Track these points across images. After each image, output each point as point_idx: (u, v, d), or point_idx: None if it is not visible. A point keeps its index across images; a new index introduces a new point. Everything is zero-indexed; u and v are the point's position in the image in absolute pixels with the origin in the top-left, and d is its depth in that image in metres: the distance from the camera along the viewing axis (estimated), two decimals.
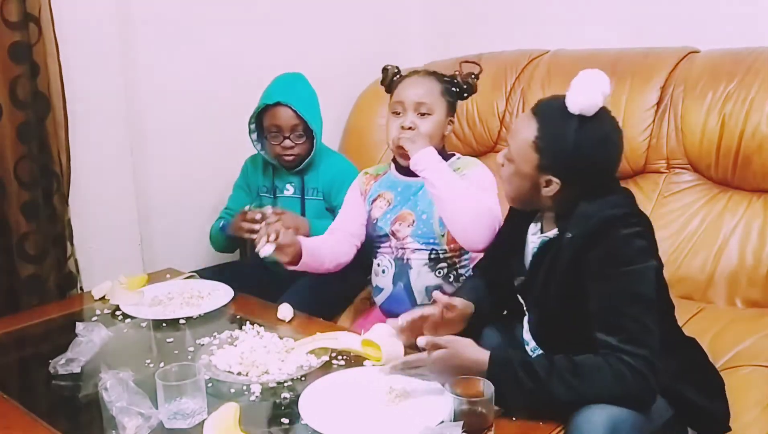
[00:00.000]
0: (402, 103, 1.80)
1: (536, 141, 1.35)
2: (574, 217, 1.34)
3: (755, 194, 2.01)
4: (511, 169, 1.41)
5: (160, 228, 2.45)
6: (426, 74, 1.85)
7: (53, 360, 1.51)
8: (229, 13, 2.53)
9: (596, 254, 1.30)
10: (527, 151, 1.36)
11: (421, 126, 1.78)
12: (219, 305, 1.85)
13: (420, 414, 1.26)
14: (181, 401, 1.30)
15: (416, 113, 1.79)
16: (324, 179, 2.24)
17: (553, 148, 1.34)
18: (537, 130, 1.35)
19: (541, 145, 1.35)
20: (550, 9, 2.67)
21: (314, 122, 2.17)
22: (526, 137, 1.36)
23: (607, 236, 1.30)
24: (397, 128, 1.80)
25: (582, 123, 1.32)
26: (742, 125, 1.98)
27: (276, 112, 2.15)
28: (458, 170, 1.81)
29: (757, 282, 1.91)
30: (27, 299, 2.01)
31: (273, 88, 2.20)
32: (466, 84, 1.84)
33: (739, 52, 2.09)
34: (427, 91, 1.80)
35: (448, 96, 1.82)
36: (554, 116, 1.35)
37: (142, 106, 2.35)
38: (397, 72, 1.90)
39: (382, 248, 1.89)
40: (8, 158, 1.94)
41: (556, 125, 1.34)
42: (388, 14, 3.04)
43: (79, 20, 2.10)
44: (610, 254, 1.30)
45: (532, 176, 1.38)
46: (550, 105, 1.38)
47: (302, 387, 1.40)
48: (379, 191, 1.91)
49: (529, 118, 1.38)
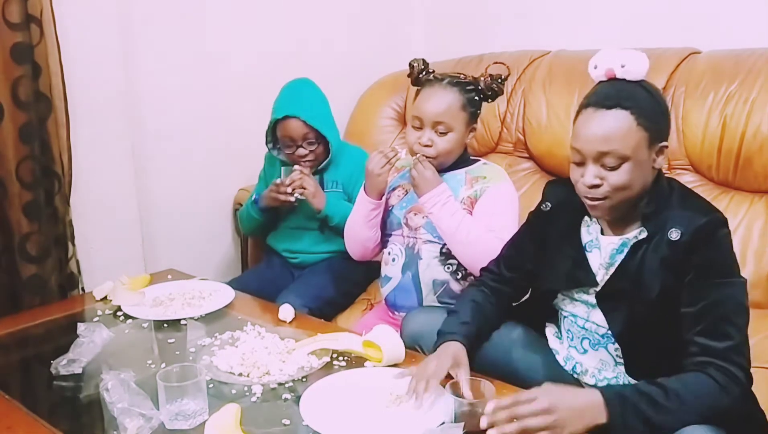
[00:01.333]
0: (421, 119, 1.80)
1: (638, 121, 1.28)
2: (674, 216, 1.31)
3: (756, 195, 2.00)
4: (627, 169, 1.29)
5: (161, 229, 2.46)
6: (448, 86, 1.79)
7: (55, 360, 1.52)
8: (230, 14, 2.53)
9: (704, 257, 1.27)
10: (635, 137, 1.28)
11: (439, 144, 1.79)
12: (220, 306, 1.85)
13: (421, 416, 1.26)
14: (183, 402, 1.30)
15: (434, 130, 1.79)
16: (344, 172, 2.28)
17: (651, 115, 1.31)
18: (630, 112, 1.28)
19: (644, 120, 1.29)
20: (551, 9, 2.66)
21: (325, 128, 2.20)
22: (626, 126, 1.28)
23: (716, 239, 1.28)
24: (416, 140, 1.81)
25: (645, 84, 1.33)
26: (744, 126, 1.97)
27: (286, 124, 2.18)
28: (483, 179, 1.82)
29: (759, 283, 1.91)
30: (28, 300, 2.01)
31: (281, 100, 2.23)
32: (490, 90, 1.82)
33: (740, 53, 2.09)
34: (446, 108, 1.77)
35: (470, 107, 1.81)
36: (631, 92, 1.30)
37: (144, 107, 2.35)
38: (423, 68, 1.86)
39: (393, 236, 1.91)
40: (10, 158, 1.94)
41: (640, 97, 1.30)
42: (390, 15, 3.04)
43: (81, 21, 2.11)
44: (718, 258, 1.28)
45: (647, 158, 1.31)
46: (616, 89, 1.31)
47: (303, 388, 1.40)
48: (400, 182, 1.94)
49: (612, 113, 1.29)
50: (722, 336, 1.25)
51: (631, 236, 1.37)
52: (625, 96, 1.29)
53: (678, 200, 1.34)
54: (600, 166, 1.31)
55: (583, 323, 1.46)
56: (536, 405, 1.16)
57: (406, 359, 1.49)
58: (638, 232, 1.36)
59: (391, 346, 1.49)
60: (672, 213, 1.32)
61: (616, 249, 1.39)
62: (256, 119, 2.39)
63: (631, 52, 1.32)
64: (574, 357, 1.50)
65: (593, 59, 1.35)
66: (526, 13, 2.74)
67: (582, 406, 1.18)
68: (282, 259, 2.35)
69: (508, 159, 2.51)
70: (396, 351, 1.49)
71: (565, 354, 1.51)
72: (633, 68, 1.31)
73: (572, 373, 1.50)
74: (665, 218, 1.32)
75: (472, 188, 1.82)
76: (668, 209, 1.33)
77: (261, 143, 2.33)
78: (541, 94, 2.39)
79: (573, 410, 1.17)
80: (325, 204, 2.17)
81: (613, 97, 1.30)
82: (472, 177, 1.83)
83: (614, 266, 1.39)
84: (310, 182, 2.16)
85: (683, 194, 1.37)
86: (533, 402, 1.16)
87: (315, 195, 2.15)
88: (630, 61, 1.31)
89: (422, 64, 1.87)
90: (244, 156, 2.55)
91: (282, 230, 2.35)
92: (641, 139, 1.29)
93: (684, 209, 1.32)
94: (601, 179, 1.31)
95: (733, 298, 1.28)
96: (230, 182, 2.62)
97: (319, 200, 2.16)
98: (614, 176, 1.30)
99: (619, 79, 1.32)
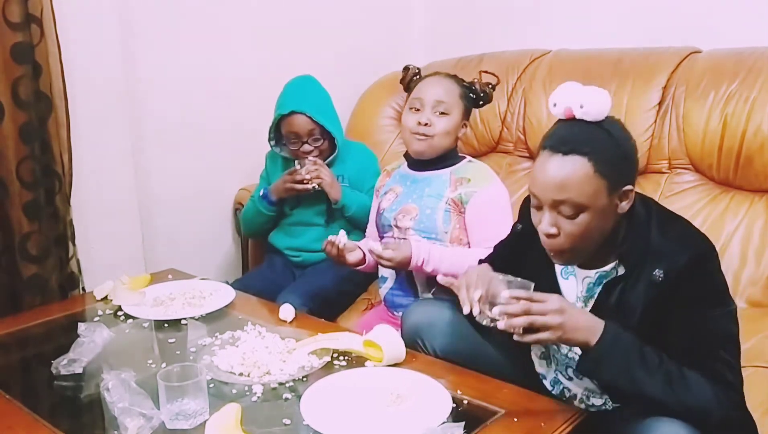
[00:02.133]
0: (421, 100, 1.85)
1: (596, 168, 1.21)
2: (653, 251, 1.25)
3: (757, 194, 2.01)
4: (585, 219, 1.23)
5: (162, 228, 2.46)
6: (447, 76, 1.90)
7: (55, 360, 1.51)
8: (230, 14, 2.53)
9: (689, 292, 1.23)
10: (593, 184, 1.21)
11: (438, 124, 1.83)
12: (221, 306, 1.84)
13: (421, 415, 1.26)
14: (183, 401, 1.30)
15: (434, 111, 1.84)
16: (351, 167, 2.31)
17: (611, 160, 1.22)
18: (588, 159, 1.21)
19: (602, 167, 1.21)
20: (551, 9, 2.67)
21: (330, 124, 2.22)
22: (582, 174, 1.21)
23: (701, 273, 1.23)
24: (414, 122, 1.84)
25: (606, 125, 1.25)
26: (744, 125, 1.97)
27: (291, 120, 2.19)
28: (467, 181, 1.84)
29: (759, 282, 1.91)
30: (29, 300, 2.01)
31: (285, 96, 2.24)
32: (483, 93, 1.90)
33: (740, 52, 2.09)
34: (447, 91, 1.85)
35: (466, 101, 1.88)
36: (590, 136, 1.23)
37: (144, 107, 2.35)
38: (417, 72, 1.96)
39: (386, 237, 1.94)
40: (10, 158, 1.94)
41: (599, 141, 1.23)
42: (390, 14, 3.04)
43: (81, 21, 2.11)
44: (705, 292, 1.24)
45: (609, 205, 1.24)
46: (574, 132, 1.24)
47: (304, 387, 1.40)
48: (391, 185, 1.98)
49: (568, 159, 1.22)
50: (708, 372, 1.23)
51: (609, 269, 1.32)
52: (583, 140, 1.22)
53: (657, 232, 1.27)
54: (557, 213, 1.24)
55: (567, 351, 1.42)
56: (549, 305, 1.20)
57: (406, 358, 1.49)
58: (615, 265, 1.31)
59: (391, 346, 1.48)
60: (652, 249, 1.26)
61: (593, 282, 1.35)
62: (257, 119, 2.39)
63: (591, 90, 1.23)
64: (562, 381, 1.47)
65: (552, 96, 1.27)
66: (526, 13, 2.74)
67: (584, 323, 1.22)
68: (284, 258, 2.35)
69: (509, 158, 2.52)
70: (396, 351, 1.49)
71: (552, 377, 1.49)
72: (592, 109, 1.22)
73: (561, 398, 1.46)
74: (644, 254, 1.26)
75: (457, 190, 1.84)
76: (647, 244, 1.26)
77: (261, 143, 2.33)
78: (541, 94, 2.39)
79: (576, 321, 1.21)
80: (341, 194, 2.19)
81: (570, 142, 1.22)
82: (457, 178, 1.86)
83: (593, 298, 1.34)
84: (327, 172, 2.18)
85: (662, 222, 1.29)
86: (547, 301, 1.21)
87: (332, 185, 2.18)
88: (589, 101, 1.22)
89: (416, 68, 1.97)
90: (245, 156, 2.55)
91: (284, 227, 2.35)
92: (600, 187, 1.21)
93: (665, 243, 1.26)
94: (557, 228, 1.25)
95: (721, 330, 1.25)
96: (231, 182, 2.62)
97: (336, 190, 2.18)
98: (570, 226, 1.23)
99: (579, 120, 1.24)
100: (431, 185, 1.87)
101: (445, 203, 1.84)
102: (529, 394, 1.37)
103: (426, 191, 1.87)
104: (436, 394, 1.33)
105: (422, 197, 1.87)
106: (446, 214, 1.83)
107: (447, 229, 1.83)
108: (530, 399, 1.36)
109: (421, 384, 1.37)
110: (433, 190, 1.86)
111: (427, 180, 1.89)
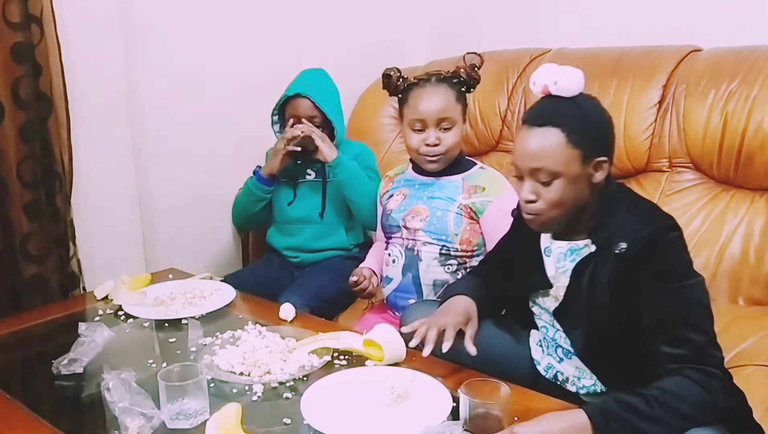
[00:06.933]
0: (423, 120, 1.81)
1: (568, 138, 1.30)
2: (620, 227, 1.31)
3: (757, 193, 2.00)
4: (560, 185, 1.32)
5: (162, 228, 2.46)
6: (438, 83, 1.82)
7: (56, 360, 1.52)
8: (230, 13, 2.53)
9: (653, 267, 1.27)
10: (566, 153, 1.31)
11: (446, 140, 1.81)
12: (221, 305, 1.85)
13: (421, 414, 1.26)
14: (184, 401, 1.30)
15: (439, 128, 1.81)
16: None
17: (584, 131, 1.32)
18: (561, 129, 1.30)
19: (574, 137, 1.30)
20: (552, 8, 2.66)
21: (332, 113, 2.23)
22: (555, 143, 1.31)
23: (663, 246, 1.28)
24: (420, 143, 1.82)
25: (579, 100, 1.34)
26: (745, 123, 1.97)
27: (295, 103, 2.22)
28: (482, 191, 1.83)
29: (760, 281, 1.91)
30: (30, 299, 2.01)
31: (295, 81, 2.27)
32: (471, 79, 1.85)
33: (741, 50, 2.09)
34: (445, 102, 1.81)
35: (461, 99, 1.85)
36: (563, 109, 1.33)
37: (145, 106, 2.35)
38: (399, 76, 1.89)
39: (393, 238, 1.93)
40: (11, 158, 1.94)
41: (571, 114, 1.32)
42: (390, 13, 3.04)
43: (81, 20, 2.11)
44: (668, 267, 1.28)
45: (582, 173, 1.33)
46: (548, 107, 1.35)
47: (304, 387, 1.40)
48: (397, 189, 1.97)
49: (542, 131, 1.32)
50: (685, 342, 1.24)
51: (581, 245, 1.39)
52: (557, 113, 1.32)
53: (625, 211, 1.34)
54: (535, 181, 1.34)
55: (554, 334, 1.48)
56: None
57: (407, 358, 1.49)
58: (588, 244, 1.38)
59: (392, 345, 1.49)
60: (618, 225, 1.32)
61: (563, 253, 1.42)
62: (257, 118, 2.39)
63: (566, 69, 1.34)
64: (554, 365, 1.51)
65: (533, 75, 1.37)
66: (526, 12, 2.74)
67: (568, 424, 1.17)
68: (281, 258, 2.35)
69: (509, 157, 2.51)
70: (397, 350, 1.49)
71: (545, 363, 1.52)
72: (565, 85, 1.33)
73: (554, 381, 1.50)
74: (611, 231, 1.33)
75: (471, 198, 1.83)
76: (614, 221, 1.33)
77: (262, 142, 2.33)
78: None
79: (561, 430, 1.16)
80: (336, 154, 2.17)
81: (545, 115, 1.33)
82: (470, 186, 1.85)
83: (567, 272, 1.40)
84: (318, 132, 2.18)
85: (631, 204, 1.36)
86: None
87: (324, 141, 2.16)
88: (562, 78, 1.33)
89: (397, 71, 1.90)
90: (245, 156, 2.55)
91: (280, 225, 2.35)
92: (572, 155, 1.31)
93: (630, 221, 1.32)
94: (536, 195, 1.34)
95: (690, 300, 1.27)
96: (231, 182, 2.61)
97: (329, 149, 2.17)
98: (547, 192, 1.33)
99: (554, 96, 1.34)
100: (442, 189, 1.86)
101: (457, 207, 1.83)
102: (529, 394, 1.38)
103: (436, 194, 1.86)
104: (437, 393, 1.33)
105: (432, 199, 1.86)
106: (458, 217, 1.83)
107: (458, 231, 1.83)
108: (530, 398, 1.36)
109: (421, 383, 1.37)
110: (444, 194, 1.85)
111: (437, 184, 1.88)
